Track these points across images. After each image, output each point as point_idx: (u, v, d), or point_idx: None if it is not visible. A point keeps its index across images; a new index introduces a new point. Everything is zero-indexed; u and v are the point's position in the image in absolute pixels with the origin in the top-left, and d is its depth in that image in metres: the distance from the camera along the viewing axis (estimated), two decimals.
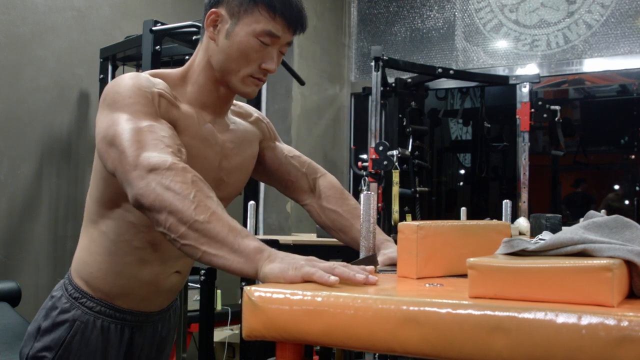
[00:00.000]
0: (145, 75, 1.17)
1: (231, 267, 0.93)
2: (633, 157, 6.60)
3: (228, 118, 1.30)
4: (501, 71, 4.09)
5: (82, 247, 1.25)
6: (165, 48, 2.67)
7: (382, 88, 3.27)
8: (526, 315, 0.66)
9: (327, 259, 0.95)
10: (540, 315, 0.66)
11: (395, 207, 3.00)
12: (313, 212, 1.43)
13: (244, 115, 1.37)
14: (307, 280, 0.86)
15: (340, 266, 0.89)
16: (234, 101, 1.34)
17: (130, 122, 1.05)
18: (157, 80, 1.17)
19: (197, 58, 1.23)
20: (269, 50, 1.17)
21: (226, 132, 1.27)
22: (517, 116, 3.56)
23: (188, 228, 0.93)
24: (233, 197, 1.34)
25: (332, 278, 0.85)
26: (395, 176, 3.02)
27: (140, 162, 0.98)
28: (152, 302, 1.28)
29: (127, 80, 1.12)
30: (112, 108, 1.09)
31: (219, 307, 3.22)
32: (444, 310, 0.71)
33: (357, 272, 0.88)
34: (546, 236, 0.94)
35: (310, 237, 2.85)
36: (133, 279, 1.22)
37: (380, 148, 3.02)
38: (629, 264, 0.74)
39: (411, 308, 0.73)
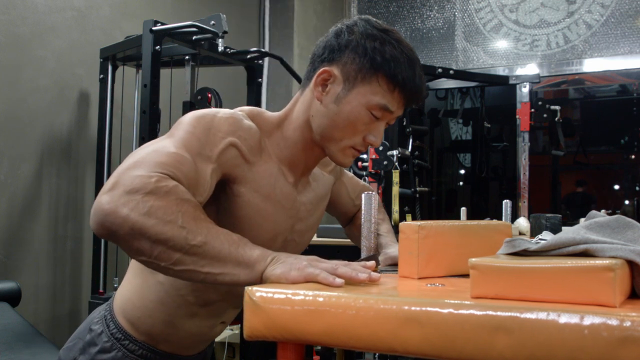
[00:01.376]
0: (239, 116, 1.06)
1: (239, 281, 0.91)
2: (633, 157, 6.60)
3: (311, 175, 1.22)
4: (501, 71, 4.09)
5: (132, 288, 1.17)
6: (165, 48, 2.66)
7: None
8: (528, 315, 0.66)
9: (327, 259, 0.95)
10: (542, 316, 0.66)
11: (395, 207, 3.00)
12: (349, 234, 1.50)
13: (325, 164, 1.29)
14: (310, 282, 0.86)
15: (342, 266, 0.89)
16: None
17: (161, 146, 0.95)
18: (250, 125, 1.07)
19: (296, 111, 1.12)
20: (378, 123, 1.08)
21: (307, 192, 1.19)
22: (517, 116, 3.56)
23: (184, 254, 0.88)
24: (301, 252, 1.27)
25: (338, 281, 0.84)
26: (395, 176, 3.02)
27: (119, 182, 0.87)
28: (194, 348, 1.25)
29: (207, 112, 1.02)
30: (169, 132, 1.01)
31: None
32: (445, 311, 0.71)
33: (359, 271, 0.88)
34: (546, 236, 0.94)
35: None
36: (181, 329, 1.17)
37: (380, 148, 3.02)
38: (631, 264, 0.74)
39: (413, 308, 0.73)
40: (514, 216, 2.22)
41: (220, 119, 1.02)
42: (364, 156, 3.19)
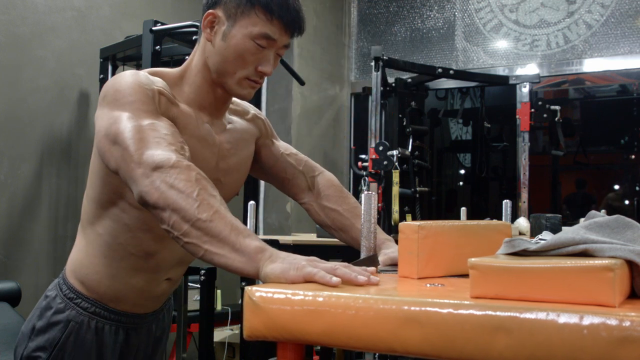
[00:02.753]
0: (144, 73, 1.16)
1: (232, 266, 0.93)
2: (633, 157, 6.60)
3: (225, 118, 1.30)
4: (501, 71, 4.09)
5: (78, 248, 1.25)
6: (165, 48, 2.67)
7: (382, 88, 3.26)
8: (528, 315, 0.66)
9: (327, 259, 0.95)
10: (541, 316, 0.66)
11: (395, 207, 3.00)
12: (312, 211, 1.41)
13: (241, 113, 1.37)
14: (308, 281, 0.86)
15: (341, 267, 0.89)
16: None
17: (132, 120, 1.05)
18: (156, 78, 1.17)
19: (195, 59, 1.23)
20: (266, 52, 1.16)
21: (223, 132, 1.27)
22: (517, 116, 3.56)
23: (191, 226, 0.93)
24: (230, 197, 1.34)
25: (335, 279, 0.85)
26: (395, 176, 3.02)
27: (144, 160, 0.98)
28: (145, 306, 1.29)
29: (127, 77, 1.12)
30: (112, 106, 1.08)
31: (219, 307, 3.22)
32: (445, 311, 0.71)
33: (359, 273, 0.88)
34: (546, 236, 0.94)
35: (310, 237, 2.85)
36: (126, 284, 1.22)
37: (380, 148, 3.02)
38: (630, 264, 0.74)
39: (412, 308, 0.73)
40: (514, 216, 2.22)
41: (139, 77, 1.12)
42: (364, 156, 3.19)
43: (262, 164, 1.41)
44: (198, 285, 2.45)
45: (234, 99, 1.33)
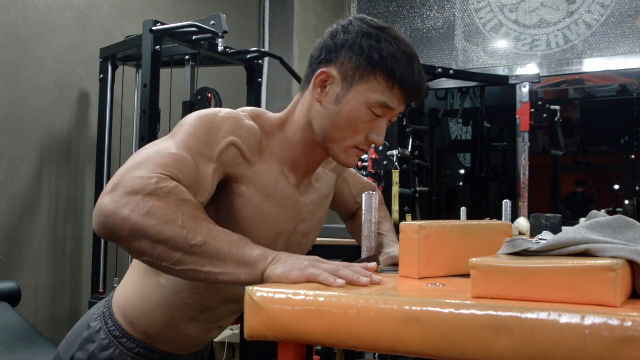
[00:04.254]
0: (241, 116, 1.06)
1: (240, 280, 0.91)
2: (633, 157, 6.60)
3: (314, 176, 1.21)
4: (501, 71, 4.09)
5: (134, 287, 1.17)
6: (165, 48, 2.66)
7: None
8: (529, 315, 0.66)
9: (326, 258, 0.95)
10: (543, 316, 0.66)
11: (396, 207, 3.00)
12: (349, 230, 1.50)
13: (328, 161, 1.27)
14: (311, 282, 0.86)
15: (344, 268, 0.89)
16: None
17: (162, 147, 0.96)
18: (251, 125, 1.06)
19: (297, 114, 1.12)
20: (380, 121, 1.07)
21: (309, 193, 1.19)
22: (517, 116, 3.55)
23: (184, 254, 0.88)
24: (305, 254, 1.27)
25: (339, 281, 0.84)
26: (395, 176, 3.02)
27: (121, 183, 0.89)
28: (191, 349, 1.25)
29: (209, 113, 1.03)
30: (171, 133, 1.01)
31: None
32: (446, 311, 0.71)
33: (361, 274, 0.88)
34: (547, 236, 0.94)
35: None
36: (179, 331, 1.17)
37: (380, 148, 3.02)
38: (632, 264, 0.74)
39: (413, 308, 0.73)
40: (514, 216, 2.22)
41: (222, 119, 1.03)
42: (364, 156, 3.19)
43: (335, 203, 1.42)
44: None
45: None
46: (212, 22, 2.54)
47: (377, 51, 1.03)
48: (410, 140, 3.50)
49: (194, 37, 2.58)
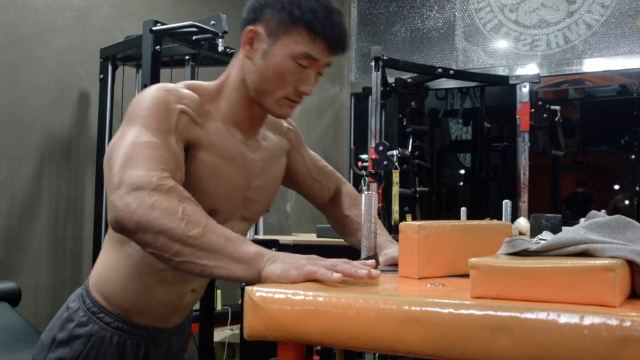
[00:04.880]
0: (177, 87, 1.13)
1: (234, 276, 0.92)
2: (633, 157, 6.60)
3: (260, 134, 1.27)
4: (501, 71, 4.09)
5: (105, 263, 1.22)
6: (165, 48, 2.67)
7: (382, 88, 3.26)
8: (528, 315, 0.66)
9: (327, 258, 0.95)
10: (542, 316, 0.66)
11: (395, 207, 3.00)
12: (329, 218, 1.49)
13: (276, 126, 1.34)
14: (309, 279, 0.86)
15: (342, 263, 0.89)
16: None
17: (133, 137, 1.02)
18: (189, 93, 1.13)
19: (232, 74, 1.19)
20: (307, 72, 1.13)
21: (257, 150, 1.24)
22: (517, 116, 3.55)
23: (182, 245, 0.92)
24: (261, 214, 1.32)
25: (335, 275, 0.85)
26: (395, 176, 3.02)
27: (123, 181, 0.95)
28: (168, 319, 1.27)
29: (151, 91, 1.09)
30: (127, 120, 1.07)
31: (219, 307, 3.22)
32: (446, 311, 0.71)
33: (359, 267, 0.88)
34: (546, 236, 0.94)
35: (310, 237, 2.85)
36: (152, 298, 1.20)
37: (380, 148, 3.02)
38: (631, 264, 0.74)
39: (413, 308, 0.73)
40: (514, 216, 2.22)
41: (165, 92, 1.09)
42: (364, 156, 3.19)
43: (290, 176, 1.42)
44: None
45: None
46: (212, 22, 2.55)
47: (297, 6, 1.10)
48: (410, 140, 3.50)
49: (194, 37, 2.58)
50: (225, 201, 1.14)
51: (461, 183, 6.59)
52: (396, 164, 2.99)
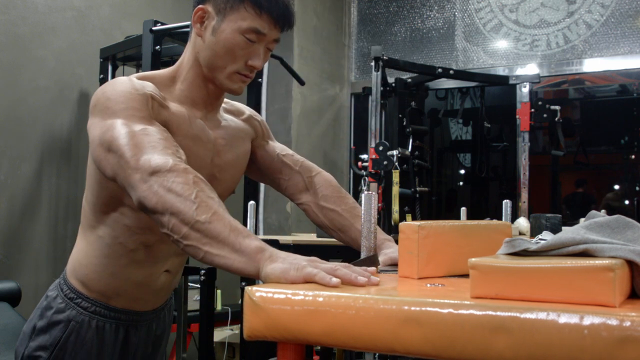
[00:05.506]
0: (133, 78, 1.17)
1: (232, 267, 0.93)
2: (633, 157, 6.60)
3: (220, 115, 1.30)
4: (501, 71, 4.09)
5: (78, 249, 1.26)
6: (165, 48, 2.66)
7: (382, 88, 3.26)
8: (528, 315, 0.66)
9: (326, 259, 0.95)
10: (542, 316, 0.66)
11: (395, 207, 3.00)
12: (310, 212, 1.39)
13: (236, 113, 1.38)
14: (308, 281, 0.86)
15: (342, 268, 0.89)
16: (227, 100, 1.35)
17: (125, 126, 1.05)
18: (146, 82, 1.17)
19: (186, 55, 1.23)
20: (256, 47, 1.17)
21: (218, 128, 1.27)
22: (517, 116, 3.55)
23: (190, 228, 0.94)
24: (227, 194, 1.34)
25: (334, 280, 0.85)
26: (395, 176, 3.02)
27: (141, 165, 0.99)
28: (145, 301, 1.29)
29: (118, 85, 1.12)
30: (104, 114, 1.09)
31: (219, 307, 3.22)
32: (445, 311, 0.71)
33: (359, 274, 0.88)
34: (546, 236, 0.94)
35: (310, 237, 2.85)
36: (127, 280, 1.23)
37: (380, 148, 3.02)
38: (630, 264, 0.74)
39: (412, 308, 0.73)
40: (514, 216, 2.22)
41: (128, 83, 1.12)
42: (365, 156, 3.19)
43: (258, 164, 1.42)
44: (198, 285, 2.45)
45: (228, 100, 1.35)
46: None
47: None
48: (410, 140, 3.50)
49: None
50: None
51: (461, 183, 6.59)
52: (396, 164, 2.99)
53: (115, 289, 1.23)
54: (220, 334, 3.30)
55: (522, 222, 1.72)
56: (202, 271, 2.32)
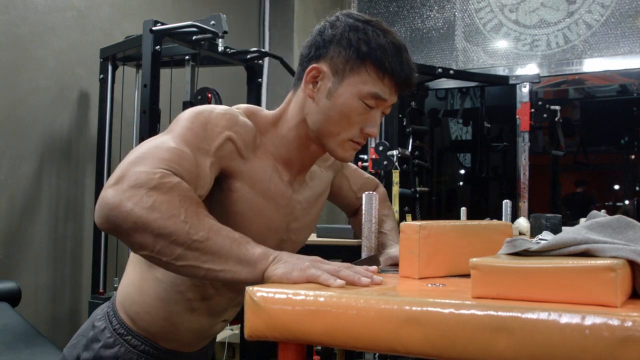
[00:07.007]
0: (235, 113, 1.07)
1: (240, 279, 0.91)
2: (633, 157, 6.60)
3: (308, 173, 1.21)
4: (501, 71, 4.09)
5: (132, 283, 1.18)
6: (165, 48, 2.66)
7: None
8: (529, 315, 0.66)
9: (327, 258, 0.95)
10: (543, 316, 0.66)
11: (396, 207, 3.00)
12: (357, 230, 1.47)
13: (324, 159, 1.28)
14: (311, 283, 0.86)
15: (344, 268, 0.89)
16: None
17: (160, 142, 0.97)
18: (245, 121, 1.08)
19: (291, 111, 1.12)
20: (373, 113, 1.07)
21: (302, 190, 1.19)
22: (517, 116, 3.55)
23: (185, 249, 0.88)
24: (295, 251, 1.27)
25: (338, 282, 0.84)
26: (395, 176, 3.02)
27: (124, 177, 0.89)
28: (195, 345, 1.25)
29: (205, 110, 1.04)
30: (168, 129, 1.02)
31: None
32: (446, 311, 0.71)
33: (362, 275, 0.88)
34: (547, 236, 0.94)
35: (311, 237, 2.85)
36: (180, 325, 1.17)
37: (380, 148, 3.02)
38: (632, 264, 0.74)
39: (413, 308, 0.73)
40: (514, 216, 2.22)
41: (218, 115, 1.04)
42: (364, 156, 3.19)
43: (333, 197, 1.42)
44: None
45: None
46: (212, 22, 2.54)
47: (365, 43, 1.04)
48: (410, 140, 3.50)
49: (194, 37, 2.58)
50: (259, 241, 1.01)
51: (461, 183, 6.59)
52: (396, 164, 2.99)
53: (166, 333, 1.17)
54: (220, 334, 3.30)
55: (522, 222, 1.71)
56: None
